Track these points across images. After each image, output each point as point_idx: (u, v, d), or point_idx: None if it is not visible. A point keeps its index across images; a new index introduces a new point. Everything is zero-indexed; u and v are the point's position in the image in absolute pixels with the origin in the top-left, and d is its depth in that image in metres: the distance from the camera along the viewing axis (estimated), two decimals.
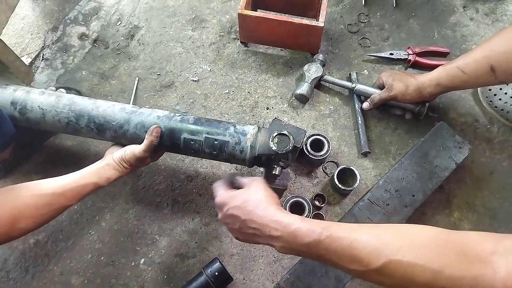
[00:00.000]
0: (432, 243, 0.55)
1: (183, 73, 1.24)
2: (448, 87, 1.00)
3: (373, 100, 1.10)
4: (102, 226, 1.04)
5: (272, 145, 0.83)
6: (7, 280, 0.99)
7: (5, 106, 0.94)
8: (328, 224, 0.61)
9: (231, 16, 1.33)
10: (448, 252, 0.53)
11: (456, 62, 0.96)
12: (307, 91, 1.15)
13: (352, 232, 0.59)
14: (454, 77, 0.96)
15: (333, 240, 0.59)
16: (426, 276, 0.52)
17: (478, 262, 0.51)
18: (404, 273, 0.53)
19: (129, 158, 0.87)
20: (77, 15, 1.35)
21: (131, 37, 1.30)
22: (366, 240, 0.57)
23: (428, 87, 1.01)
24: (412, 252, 0.54)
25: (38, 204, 0.72)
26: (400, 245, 0.55)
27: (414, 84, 1.02)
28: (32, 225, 0.72)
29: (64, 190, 0.76)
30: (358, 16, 1.33)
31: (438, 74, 0.99)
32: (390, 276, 0.55)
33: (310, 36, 1.16)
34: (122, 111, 0.92)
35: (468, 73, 0.94)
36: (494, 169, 1.09)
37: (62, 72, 1.25)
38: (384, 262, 0.54)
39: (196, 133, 0.88)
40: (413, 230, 0.59)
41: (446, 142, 1.03)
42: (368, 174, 1.09)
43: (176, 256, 1.01)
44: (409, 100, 1.06)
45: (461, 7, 1.34)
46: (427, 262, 0.52)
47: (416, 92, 1.03)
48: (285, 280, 0.90)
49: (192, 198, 1.07)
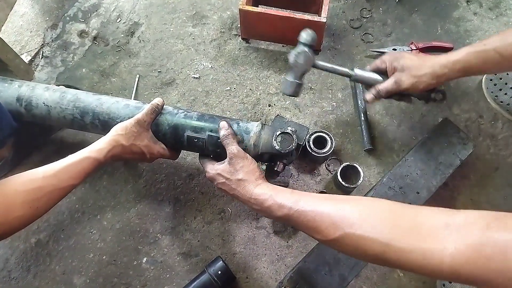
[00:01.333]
0: (385, 217, 0.59)
1: (184, 70, 1.23)
2: (473, 71, 0.90)
3: (379, 93, 0.96)
4: (103, 225, 1.04)
5: (275, 144, 0.83)
6: (9, 279, 0.99)
7: (11, 102, 0.95)
8: (298, 198, 0.69)
9: (232, 12, 1.32)
10: (399, 225, 0.56)
11: (489, 44, 0.85)
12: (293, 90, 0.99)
13: (316, 205, 0.65)
14: (487, 61, 0.85)
15: (300, 214, 0.66)
16: (376, 248, 0.56)
17: (428, 236, 0.53)
18: (357, 245, 0.59)
19: (128, 124, 0.83)
20: (76, 12, 1.34)
21: (131, 34, 1.29)
22: (327, 214, 0.63)
23: (450, 71, 0.88)
24: (365, 225, 0.58)
25: (28, 188, 0.70)
26: (356, 218, 0.60)
27: (429, 71, 0.89)
28: (29, 210, 0.69)
29: (55, 171, 0.73)
30: (360, 12, 1.31)
31: (465, 58, 0.87)
32: (346, 247, 0.61)
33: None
34: (126, 107, 0.91)
35: (508, 57, 0.82)
36: (498, 166, 1.08)
37: (62, 70, 1.24)
38: (340, 234, 0.60)
39: (200, 131, 0.87)
40: (369, 203, 0.63)
41: (450, 139, 1.02)
42: (371, 171, 1.08)
43: (178, 255, 1.00)
44: (423, 90, 0.93)
45: (464, 2, 1.32)
46: (378, 235, 0.56)
47: (432, 79, 0.90)
48: (288, 279, 0.90)
49: (194, 197, 1.06)
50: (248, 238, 1.01)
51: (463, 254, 0.49)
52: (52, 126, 1.12)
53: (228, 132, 0.83)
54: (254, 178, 0.77)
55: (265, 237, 1.01)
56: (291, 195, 0.71)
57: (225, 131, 0.84)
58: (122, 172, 1.09)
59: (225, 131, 0.84)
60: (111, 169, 1.10)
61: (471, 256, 0.48)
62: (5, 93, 0.95)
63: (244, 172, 0.78)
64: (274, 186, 0.76)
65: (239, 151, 0.81)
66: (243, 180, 0.77)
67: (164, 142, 0.91)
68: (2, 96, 0.95)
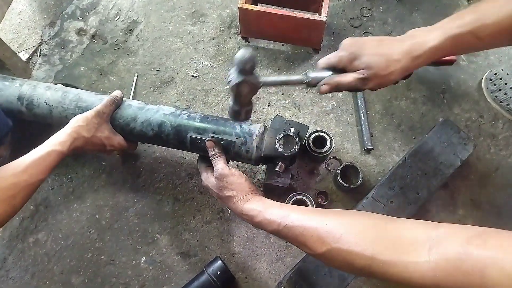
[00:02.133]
0: (369, 231, 0.60)
1: (183, 68, 1.22)
2: (447, 55, 0.81)
3: (337, 87, 0.80)
4: (102, 225, 1.03)
5: (278, 147, 0.83)
6: (7, 279, 0.98)
7: (12, 101, 0.94)
8: (286, 213, 0.69)
9: (232, 10, 1.31)
10: (383, 239, 0.58)
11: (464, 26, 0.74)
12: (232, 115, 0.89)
13: (304, 220, 0.66)
14: (464, 45, 0.77)
15: (289, 229, 0.67)
16: (362, 262, 0.57)
17: (411, 249, 0.54)
18: (344, 259, 0.60)
19: (89, 115, 0.85)
20: (74, 10, 1.33)
21: (130, 32, 1.28)
22: (314, 229, 0.64)
23: (424, 61, 0.77)
24: (350, 240, 0.59)
25: (3, 186, 0.70)
26: (341, 233, 0.61)
27: (399, 67, 0.76)
28: (8, 207, 0.71)
29: (24, 167, 0.74)
30: (360, 10, 1.30)
31: (441, 45, 0.75)
32: (334, 261, 0.62)
33: (312, 30, 1.14)
34: (129, 108, 0.91)
35: (484, 38, 0.75)
36: (499, 166, 1.08)
37: (60, 68, 1.23)
38: (327, 249, 0.61)
39: (203, 132, 0.87)
40: (354, 217, 0.65)
41: (450, 139, 1.01)
42: (371, 171, 1.08)
43: (177, 255, 1.00)
44: (392, 82, 0.79)
45: (465, 1, 1.32)
46: (363, 249, 0.57)
47: (401, 74, 0.78)
48: (287, 279, 0.89)
49: (193, 196, 1.06)
50: (247, 238, 1.01)
51: (443, 268, 0.50)
52: (50, 124, 1.11)
53: (216, 152, 0.84)
54: (243, 194, 0.77)
55: (264, 237, 1.01)
56: (280, 210, 0.71)
57: (212, 150, 0.84)
58: (121, 172, 1.09)
59: (212, 150, 0.84)
60: (110, 169, 1.09)
61: (451, 271, 0.49)
62: (6, 92, 0.94)
63: (232, 189, 0.78)
64: (264, 201, 0.75)
65: (224, 169, 0.80)
66: (232, 196, 0.78)
67: (166, 143, 0.91)
68: (3, 95, 0.94)
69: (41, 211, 1.05)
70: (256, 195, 0.78)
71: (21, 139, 1.06)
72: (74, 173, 1.08)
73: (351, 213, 0.68)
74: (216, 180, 0.81)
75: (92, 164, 1.09)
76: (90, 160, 1.10)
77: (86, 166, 1.09)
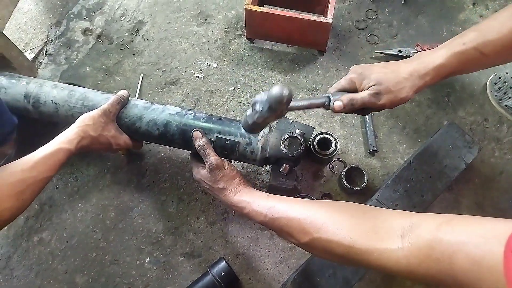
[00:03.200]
0: (348, 220, 0.64)
1: (188, 69, 1.23)
2: (453, 74, 0.81)
3: (352, 103, 0.78)
4: (106, 225, 1.03)
5: (283, 148, 0.84)
6: (11, 278, 0.99)
7: (18, 99, 0.94)
8: (272, 204, 0.73)
9: (237, 11, 1.31)
10: (360, 228, 0.61)
11: (468, 42, 0.76)
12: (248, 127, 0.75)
13: (288, 211, 0.70)
14: (469, 61, 0.77)
15: (274, 220, 0.71)
16: (341, 250, 0.61)
17: (387, 237, 0.56)
18: (324, 247, 0.64)
19: (95, 114, 0.86)
20: (80, 10, 1.33)
21: (136, 33, 1.29)
22: (297, 219, 0.68)
23: (430, 80, 0.78)
24: (330, 229, 0.63)
25: (12, 181, 0.71)
26: (322, 223, 0.64)
27: (408, 85, 0.78)
28: (16, 202, 0.71)
29: (33, 164, 0.75)
30: (366, 13, 1.30)
31: (448, 62, 0.77)
32: (316, 250, 0.66)
33: (317, 32, 1.14)
34: (135, 107, 0.91)
35: (488, 54, 0.75)
36: (503, 169, 1.08)
37: (65, 67, 1.24)
38: (309, 239, 0.65)
39: (208, 132, 0.87)
40: (335, 208, 0.68)
41: (455, 142, 1.01)
42: (375, 174, 1.08)
43: (181, 255, 1.00)
44: (405, 100, 0.79)
45: (470, 4, 1.32)
46: (341, 238, 0.61)
47: (409, 92, 0.78)
48: (291, 281, 0.89)
49: (197, 197, 1.06)
50: (252, 239, 1.01)
51: (416, 256, 0.52)
52: (56, 122, 1.11)
53: (203, 142, 0.85)
54: (234, 186, 0.82)
55: (269, 239, 1.01)
56: (267, 201, 0.75)
57: (199, 141, 0.85)
58: (126, 172, 1.09)
59: (199, 141, 0.85)
60: (114, 169, 1.09)
61: (423, 258, 0.51)
62: (13, 90, 0.95)
63: (224, 182, 0.82)
64: (253, 193, 0.79)
65: (217, 161, 0.83)
66: (224, 188, 0.82)
67: (172, 142, 0.91)
68: (10, 93, 0.95)
69: (46, 210, 1.05)
70: (246, 187, 0.82)
71: (26, 138, 1.06)
72: (79, 173, 1.09)
73: (332, 203, 0.71)
74: (209, 172, 0.83)
75: (97, 164, 1.10)
76: (95, 159, 1.10)
77: (91, 166, 1.10)
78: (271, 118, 0.71)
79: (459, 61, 0.77)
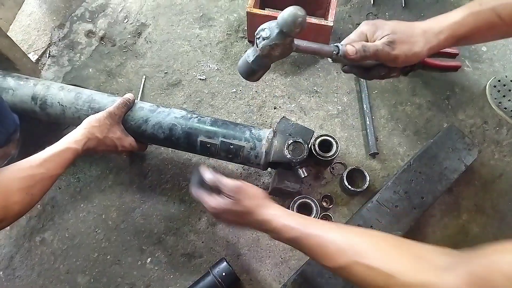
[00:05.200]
0: (391, 249, 0.60)
1: (190, 71, 1.24)
2: (470, 37, 0.75)
3: (364, 50, 0.73)
4: (108, 225, 1.04)
5: (287, 153, 0.84)
6: (14, 277, 0.99)
7: (26, 100, 0.95)
8: (307, 221, 0.69)
9: (239, 14, 1.33)
10: (403, 258, 0.57)
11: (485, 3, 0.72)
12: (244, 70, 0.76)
13: (324, 231, 0.66)
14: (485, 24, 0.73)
15: (309, 237, 0.66)
16: (380, 279, 0.57)
17: (429, 271, 0.53)
18: (362, 274, 0.59)
19: (101, 116, 0.87)
20: (84, 12, 1.35)
21: (138, 35, 1.30)
22: (334, 241, 0.63)
23: (447, 36, 0.74)
24: (371, 255, 0.59)
25: (21, 176, 0.73)
26: (363, 248, 0.60)
27: (422, 39, 0.74)
28: (26, 196, 0.73)
29: (41, 161, 0.76)
30: (366, 16, 1.32)
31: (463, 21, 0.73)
32: (352, 275, 0.60)
33: (318, 35, 1.15)
34: (140, 110, 0.92)
35: (505, 18, 0.71)
36: (503, 171, 1.09)
37: (68, 69, 1.25)
38: (347, 262, 0.60)
39: (213, 136, 0.88)
40: (376, 235, 0.64)
41: (455, 144, 1.02)
42: (376, 175, 1.08)
43: (182, 256, 1.01)
44: (413, 61, 0.76)
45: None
46: (382, 267, 0.57)
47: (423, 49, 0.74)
48: (292, 282, 0.90)
49: None
50: (253, 240, 1.02)
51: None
52: (59, 123, 1.12)
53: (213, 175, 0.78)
54: (261, 200, 0.75)
55: (269, 240, 1.01)
56: (299, 217, 0.71)
57: (209, 174, 0.78)
58: (128, 172, 1.10)
59: (209, 174, 0.78)
60: (117, 169, 1.10)
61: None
62: (21, 91, 0.96)
63: (248, 199, 0.74)
64: (281, 208, 0.73)
65: (236, 182, 0.76)
66: (250, 206, 0.74)
67: (176, 145, 0.92)
68: (18, 94, 0.96)
69: (48, 210, 1.06)
70: (271, 201, 0.76)
71: (29, 139, 1.07)
72: (82, 173, 1.09)
73: (372, 231, 0.67)
74: (230, 195, 0.75)
75: (100, 165, 1.10)
76: (98, 160, 1.11)
77: (94, 166, 1.10)
78: (278, 49, 0.65)
79: (475, 22, 0.73)
